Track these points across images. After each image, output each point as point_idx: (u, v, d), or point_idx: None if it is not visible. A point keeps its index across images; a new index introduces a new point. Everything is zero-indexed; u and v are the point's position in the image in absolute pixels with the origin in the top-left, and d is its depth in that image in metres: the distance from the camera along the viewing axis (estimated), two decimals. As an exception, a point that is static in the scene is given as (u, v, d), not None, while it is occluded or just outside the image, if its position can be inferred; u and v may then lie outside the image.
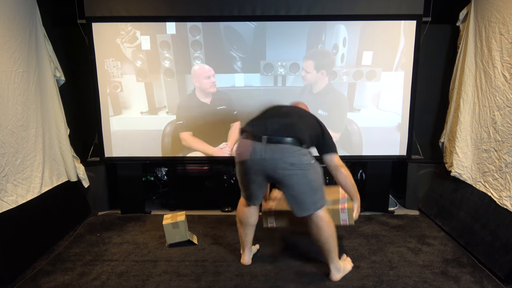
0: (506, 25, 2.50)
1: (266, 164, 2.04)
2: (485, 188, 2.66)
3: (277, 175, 2.05)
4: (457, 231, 2.77)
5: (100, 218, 3.21)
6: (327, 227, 2.14)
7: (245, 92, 3.15)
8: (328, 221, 2.14)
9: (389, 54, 3.06)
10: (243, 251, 2.45)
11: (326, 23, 3.02)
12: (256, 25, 3.03)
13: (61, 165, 3.01)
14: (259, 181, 2.15)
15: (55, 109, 2.96)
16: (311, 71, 3.09)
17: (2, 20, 2.40)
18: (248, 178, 2.15)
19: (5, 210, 2.34)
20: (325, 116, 3.16)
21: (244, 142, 2.10)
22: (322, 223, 2.13)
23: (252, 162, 2.06)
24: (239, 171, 2.17)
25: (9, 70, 2.46)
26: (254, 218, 2.36)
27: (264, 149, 2.02)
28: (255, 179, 2.14)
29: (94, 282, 2.25)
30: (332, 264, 2.24)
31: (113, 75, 3.11)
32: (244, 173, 2.14)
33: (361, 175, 3.63)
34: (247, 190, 2.23)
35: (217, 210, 3.39)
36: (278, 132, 2.04)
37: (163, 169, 3.60)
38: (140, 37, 3.04)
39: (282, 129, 2.06)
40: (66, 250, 2.65)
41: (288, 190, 2.09)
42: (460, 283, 2.21)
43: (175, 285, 2.21)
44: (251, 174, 2.12)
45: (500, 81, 2.56)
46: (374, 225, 3.04)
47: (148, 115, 3.19)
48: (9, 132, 2.43)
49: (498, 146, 2.56)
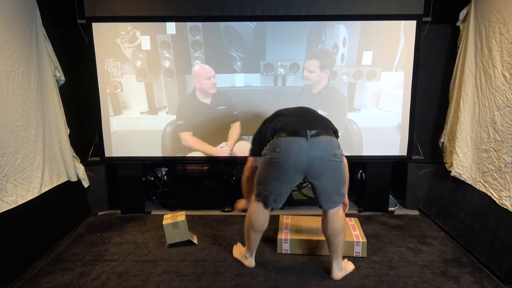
0: (506, 25, 2.50)
1: (311, 158, 2.01)
2: (485, 188, 2.66)
3: (321, 168, 2.04)
4: (457, 231, 2.77)
5: (100, 218, 3.21)
6: (343, 221, 2.21)
7: (245, 92, 3.15)
8: (344, 216, 2.22)
9: (389, 54, 3.06)
10: (251, 255, 2.39)
11: (326, 23, 3.02)
12: (256, 25, 3.03)
13: (61, 165, 3.01)
14: (295, 180, 2.12)
15: (55, 109, 2.96)
16: (316, 70, 3.08)
17: (2, 20, 2.40)
18: (283, 178, 2.09)
19: (5, 210, 2.34)
20: (325, 116, 3.16)
21: (281, 141, 2.03)
22: (340, 219, 2.19)
23: (294, 160, 2.02)
24: (272, 171, 2.08)
25: (9, 70, 2.46)
26: (267, 223, 2.31)
27: (311, 144, 2.01)
28: (293, 178, 2.09)
29: (94, 282, 2.25)
30: (336, 262, 2.24)
31: (113, 75, 3.11)
32: (280, 173, 2.07)
33: (361, 175, 3.63)
34: (275, 191, 2.14)
35: (217, 210, 3.39)
36: (318, 126, 2.08)
37: (163, 169, 3.60)
38: (140, 37, 3.04)
39: (320, 123, 2.12)
40: (66, 250, 2.65)
41: (323, 183, 2.09)
42: (460, 283, 2.21)
43: (175, 285, 2.21)
44: (289, 174, 2.07)
45: (500, 81, 2.56)
46: (374, 225, 3.04)
47: (148, 115, 3.19)
48: (8, 132, 2.43)
49: (498, 146, 2.56)
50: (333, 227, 2.18)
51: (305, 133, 2.02)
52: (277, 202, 2.18)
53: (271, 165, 2.08)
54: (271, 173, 2.10)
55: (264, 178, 2.15)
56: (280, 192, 2.15)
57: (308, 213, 3.22)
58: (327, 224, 2.19)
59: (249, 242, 2.35)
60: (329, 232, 2.19)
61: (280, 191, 2.15)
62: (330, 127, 2.15)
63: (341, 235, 2.20)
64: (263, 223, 2.28)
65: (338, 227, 2.18)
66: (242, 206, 2.48)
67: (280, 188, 2.13)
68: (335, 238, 2.19)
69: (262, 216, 2.26)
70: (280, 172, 2.07)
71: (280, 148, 2.02)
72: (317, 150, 2.01)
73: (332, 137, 2.10)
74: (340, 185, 2.15)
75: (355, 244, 2.48)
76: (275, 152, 2.04)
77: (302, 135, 2.02)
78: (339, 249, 2.22)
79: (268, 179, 2.13)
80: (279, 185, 2.12)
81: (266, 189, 2.16)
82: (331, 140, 2.07)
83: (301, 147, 2.01)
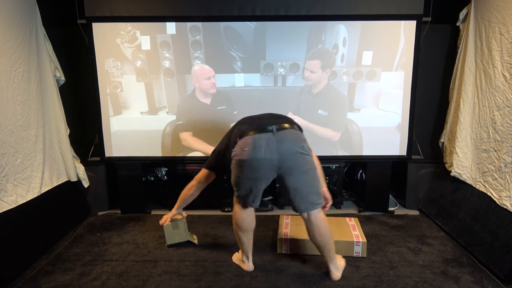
0: (506, 25, 2.50)
1: (281, 152, 2.01)
2: (485, 188, 2.66)
3: (292, 161, 2.02)
4: (457, 231, 2.77)
5: (100, 218, 3.21)
6: (327, 226, 2.15)
7: (245, 92, 3.15)
8: (326, 220, 2.16)
9: (389, 54, 3.06)
10: (247, 258, 2.37)
11: (326, 23, 3.02)
12: (256, 25, 3.03)
13: (61, 165, 3.01)
14: (267, 177, 2.09)
15: (55, 109, 2.96)
16: (317, 70, 3.08)
17: (2, 20, 2.40)
18: (256, 176, 2.08)
19: (5, 210, 2.34)
20: (325, 116, 3.16)
21: (249, 139, 2.03)
22: (324, 223, 2.14)
23: (264, 156, 2.01)
24: (245, 171, 2.07)
25: (9, 70, 2.46)
26: (254, 221, 2.31)
27: (278, 137, 2.02)
28: (265, 175, 2.08)
29: (94, 282, 2.25)
30: (332, 264, 2.23)
31: (113, 75, 3.11)
32: (252, 171, 2.06)
33: (361, 175, 3.63)
34: (252, 191, 2.13)
35: (217, 210, 3.39)
36: (282, 122, 2.10)
37: (163, 169, 3.60)
38: (140, 37, 3.04)
39: (284, 119, 2.14)
40: (66, 250, 2.65)
41: (296, 179, 2.05)
42: (460, 283, 2.21)
43: (175, 285, 2.21)
44: (261, 171, 2.06)
45: (500, 81, 2.56)
46: (374, 225, 3.04)
47: (148, 115, 3.19)
48: (8, 132, 2.43)
49: (498, 146, 2.56)
50: (320, 234, 2.13)
51: (272, 128, 2.04)
52: (254, 202, 2.19)
53: (243, 165, 2.06)
54: (244, 173, 2.08)
55: (238, 179, 2.13)
56: (257, 191, 2.14)
57: (308, 213, 3.21)
58: (314, 232, 2.13)
59: (242, 244, 2.33)
60: (318, 239, 2.14)
61: (256, 192, 2.14)
62: (294, 123, 2.18)
63: (331, 238, 2.17)
64: (250, 221, 2.27)
65: (326, 233, 2.13)
66: None
67: (255, 187, 2.12)
68: (326, 244, 2.16)
69: (246, 216, 2.25)
70: (252, 170, 2.05)
71: (249, 146, 2.02)
72: (285, 142, 2.02)
73: (297, 131, 2.15)
74: (313, 182, 2.11)
75: (355, 244, 2.48)
76: (244, 151, 2.03)
77: (268, 130, 2.03)
78: (332, 251, 2.20)
79: (242, 179, 2.11)
80: (254, 184, 2.11)
81: (243, 190, 2.15)
82: (297, 133, 2.12)
83: (269, 142, 2.01)
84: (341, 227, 2.66)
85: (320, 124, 3.18)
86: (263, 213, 3.27)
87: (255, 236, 2.48)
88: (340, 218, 2.82)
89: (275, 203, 3.50)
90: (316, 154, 2.22)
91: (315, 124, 3.18)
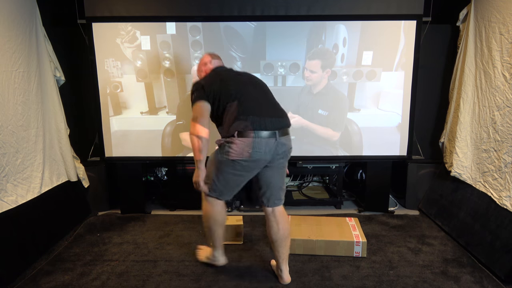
0: (506, 25, 2.50)
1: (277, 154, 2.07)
2: (485, 188, 2.66)
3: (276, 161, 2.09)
4: (457, 231, 2.77)
5: (100, 218, 3.21)
6: (288, 219, 2.24)
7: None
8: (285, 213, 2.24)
9: (389, 54, 3.06)
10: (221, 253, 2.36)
11: (326, 23, 3.02)
12: (256, 25, 3.03)
13: (61, 165, 3.01)
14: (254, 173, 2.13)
15: (55, 109, 2.96)
16: (317, 70, 3.08)
17: (2, 20, 2.40)
18: (249, 174, 2.10)
19: (5, 210, 2.34)
20: (325, 116, 3.16)
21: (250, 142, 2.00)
22: (285, 215, 2.22)
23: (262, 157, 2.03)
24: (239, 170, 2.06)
25: (9, 70, 2.46)
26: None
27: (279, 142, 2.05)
28: (254, 173, 2.12)
29: (94, 282, 2.25)
30: (286, 264, 2.23)
31: (113, 75, 3.11)
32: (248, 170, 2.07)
33: (361, 175, 3.63)
34: (237, 187, 2.17)
35: (217, 210, 3.39)
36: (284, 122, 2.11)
37: (163, 169, 3.60)
38: (140, 37, 3.04)
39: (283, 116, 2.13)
40: (66, 250, 2.65)
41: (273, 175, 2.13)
42: (460, 283, 2.21)
43: (175, 285, 2.21)
44: (255, 170, 2.09)
45: (500, 81, 2.56)
46: (374, 225, 3.04)
47: (148, 115, 3.19)
48: (9, 132, 2.43)
49: (498, 146, 2.56)
50: (284, 227, 2.16)
51: (275, 133, 2.04)
52: (230, 197, 2.21)
53: (239, 164, 2.04)
54: (237, 171, 2.07)
55: (225, 175, 2.10)
56: (239, 187, 2.18)
57: (308, 213, 3.22)
58: (278, 225, 2.16)
59: (216, 240, 2.30)
60: (281, 233, 2.16)
61: (240, 186, 2.18)
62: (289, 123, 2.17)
63: (289, 238, 2.20)
64: (224, 214, 2.27)
65: (287, 226, 2.19)
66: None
67: (241, 184, 2.16)
68: (286, 238, 2.18)
69: (221, 208, 2.23)
70: (247, 170, 2.08)
71: (250, 148, 2.00)
72: (282, 147, 2.08)
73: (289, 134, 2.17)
74: (284, 179, 2.21)
75: (355, 244, 2.48)
76: (244, 153, 2.01)
77: (272, 136, 2.03)
78: (288, 251, 2.22)
79: (230, 175, 2.09)
80: (241, 180, 2.14)
81: (224, 186, 2.14)
82: (290, 137, 2.16)
83: (270, 147, 2.03)
84: (341, 227, 2.67)
85: (320, 124, 3.18)
86: (263, 213, 3.26)
87: (255, 236, 2.48)
88: (340, 218, 2.82)
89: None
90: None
91: (315, 124, 3.18)
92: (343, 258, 2.48)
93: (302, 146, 3.21)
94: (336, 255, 2.51)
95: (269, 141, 2.02)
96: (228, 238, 2.69)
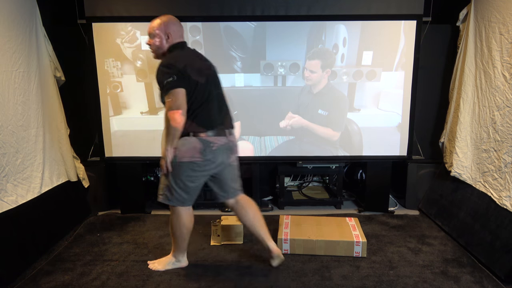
0: (506, 25, 2.50)
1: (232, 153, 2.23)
2: (485, 188, 2.66)
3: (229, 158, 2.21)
4: (457, 231, 2.77)
5: (100, 218, 3.21)
6: (253, 203, 2.34)
7: (245, 92, 3.15)
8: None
9: (389, 54, 3.06)
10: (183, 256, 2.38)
11: (326, 23, 3.02)
12: (256, 25, 3.03)
13: (61, 165, 3.01)
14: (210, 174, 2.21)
15: (55, 109, 2.96)
16: (317, 70, 3.08)
17: (2, 20, 2.40)
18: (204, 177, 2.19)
19: (5, 210, 2.34)
20: (325, 116, 3.16)
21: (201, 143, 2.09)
22: (250, 200, 2.32)
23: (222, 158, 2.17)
24: (198, 171, 2.12)
25: (9, 70, 2.46)
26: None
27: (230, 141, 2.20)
28: (210, 173, 2.20)
29: (94, 282, 2.25)
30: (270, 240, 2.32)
31: (113, 75, 3.11)
32: (204, 172, 2.15)
33: (361, 175, 3.63)
34: (196, 191, 2.21)
35: (217, 210, 3.39)
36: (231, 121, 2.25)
37: (163, 169, 3.60)
38: (140, 37, 3.03)
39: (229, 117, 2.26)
40: (66, 250, 2.65)
41: (230, 174, 2.25)
42: (460, 283, 2.21)
43: (175, 285, 2.21)
44: (211, 171, 2.18)
45: (500, 81, 2.56)
46: (374, 225, 3.04)
47: (148, 115, 3.19)
48: (9, 132, 2.43)
49: (498, 146, 2.56)
50: (252, 211, 2.29)
51: (226, 132, 2.18)
52: (192, 201, 2.24)
53: (197, 165, 2.11)
54: (196, 173, 2.13)
55: (185, 181, 2.13)
56: (197, 192, 2.23)
57: (308, 213, 3.22)
58: (247, 210, 2.28)
59: (183, 243, 2.32)
60: (251, 216, 2.28)
61: (198, 191, 2.23)
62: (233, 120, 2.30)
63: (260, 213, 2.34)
64: (191, 222, 2.28)
65: (256, 209, 2.32)
66: None
67: (200, 186, 2.21)
68: (260, 218, 2.32)
69: (189, 215, 2.26)
70: (203, 171, 2.15)
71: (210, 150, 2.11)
72: (231, 144, 2.22)
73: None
74: (236, 172, 2.32)
75: (355, 244, 2.48)
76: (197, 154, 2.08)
77: (224, 134, 2.17)
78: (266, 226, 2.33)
79: (191, 180, 2.14)
80: (198, 185, 2.19)
81: (186, 192, 2.16)
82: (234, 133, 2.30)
83: (225, 146, 2.17)
84: (341, 227, 2.67)
85: (320, 124, 3.18)
86: (263, 213, 3.26)
87: (255, 236, 2.48)
88: (340, 218, 2.82)
89: (275, 203, 3.50)
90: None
91: (315, 124, 3.18)
92: (343, 258, 2.48)
93: (302, 146, 3.21)
94: (336, 255, 2.51)
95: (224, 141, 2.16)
96: (228, 238, 2.69)
